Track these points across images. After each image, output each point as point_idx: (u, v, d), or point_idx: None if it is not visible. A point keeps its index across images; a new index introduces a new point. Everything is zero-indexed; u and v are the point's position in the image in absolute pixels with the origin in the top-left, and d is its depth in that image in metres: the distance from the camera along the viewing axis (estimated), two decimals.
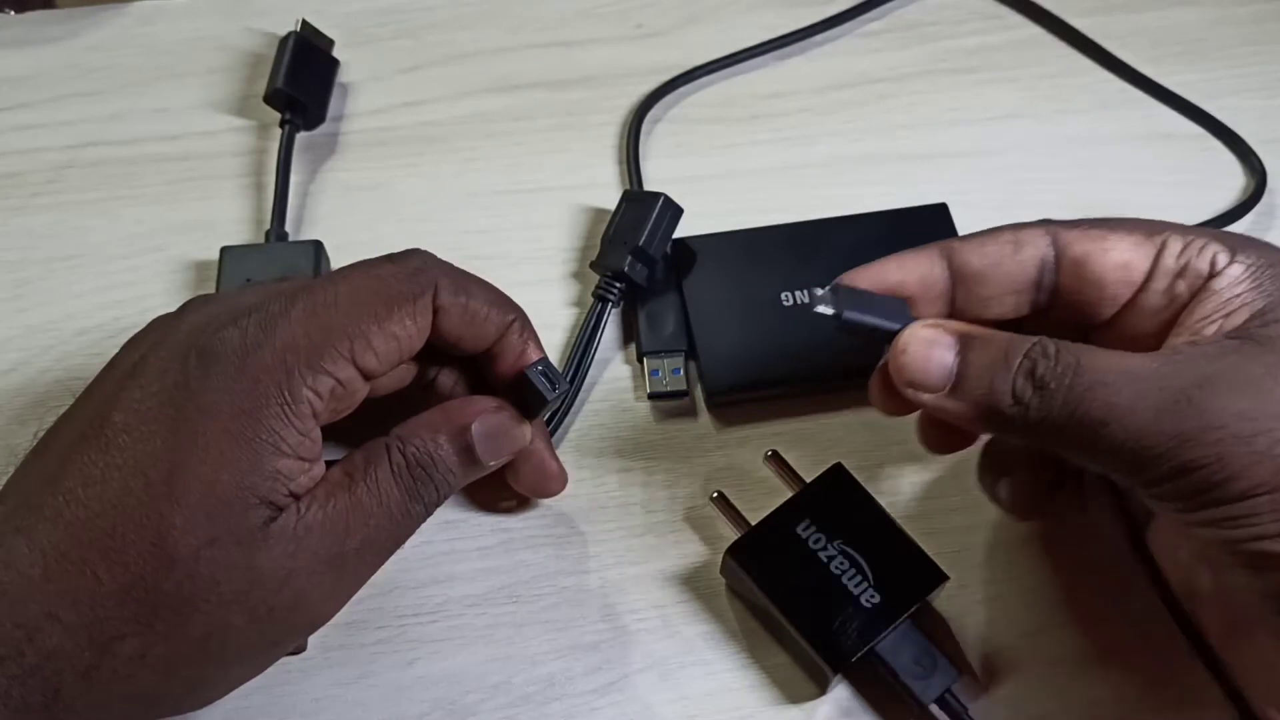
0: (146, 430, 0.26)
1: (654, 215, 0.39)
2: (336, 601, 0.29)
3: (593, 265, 0.40)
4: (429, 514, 0.30)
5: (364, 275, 0.29)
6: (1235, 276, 0.27)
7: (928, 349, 0.27)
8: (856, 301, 0.28)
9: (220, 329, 0.27)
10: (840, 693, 0.33)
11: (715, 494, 0.35)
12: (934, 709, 0.31)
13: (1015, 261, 0.29)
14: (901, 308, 0.29)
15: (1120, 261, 0.28)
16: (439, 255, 0.30)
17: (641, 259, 0.39)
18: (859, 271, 0.30)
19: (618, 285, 0.39)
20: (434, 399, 0.33)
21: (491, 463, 0.31)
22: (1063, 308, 0.29)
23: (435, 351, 0.32)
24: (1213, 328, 0.26)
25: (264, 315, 0.28)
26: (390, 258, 0.30)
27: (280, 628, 0.28)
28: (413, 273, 0.30)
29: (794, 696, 0.33)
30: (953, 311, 0.30)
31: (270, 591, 0.26)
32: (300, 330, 0.27)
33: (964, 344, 0.27)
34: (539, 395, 0.31)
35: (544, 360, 0.32)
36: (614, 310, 0.40)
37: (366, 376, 0.29)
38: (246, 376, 0.26)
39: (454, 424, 0.30)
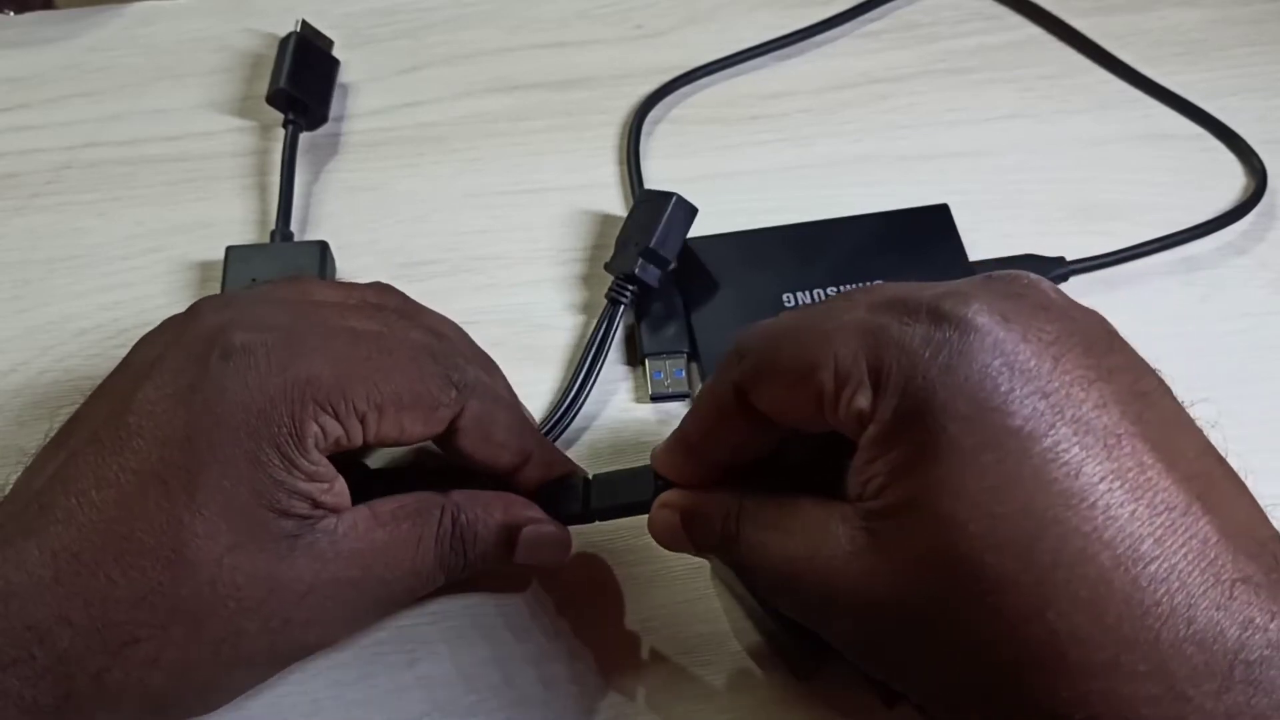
0: (162, 435, 0.26)
1: (665, 216, 0.38)
2: (345, 628, 0.30)
3: (606, 267, 0.40)
4: (444, 581, 0.30)
5: (408, 357, 0.29)
6: (865, 450, 0.24)
7: (668, 533, 0.30)
8: (605, 489, 0.32)
9: (246, 331, 0.27)
10: (819, 682, 0.33)
11: None
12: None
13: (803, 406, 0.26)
14: (646, 477, 0.31)
15: (785, 409, 0.26)
16: (438, 256, 0.30)
17: (653, 260, 0.38)
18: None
19: (629, 288, 0.38)
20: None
21: (521, 563, 0.31)
22: None
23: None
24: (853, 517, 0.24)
25: (293, 337, 0.27)
26: (438, 358, 0.30)
27: (292, 642, 0.28)
28: (448, 384, 0.29)
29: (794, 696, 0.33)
30: None
31: (287, 603, 0.26)
32: (329, 370, 0.27)
33: (686, 522, 0.29)
34: (560, 515, 0.32)
35: (590, 480, 0.32)
36: (627, 312, 0.39)
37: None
38: (264, 394, 0.26)
39: (510, 518, 0.31)
